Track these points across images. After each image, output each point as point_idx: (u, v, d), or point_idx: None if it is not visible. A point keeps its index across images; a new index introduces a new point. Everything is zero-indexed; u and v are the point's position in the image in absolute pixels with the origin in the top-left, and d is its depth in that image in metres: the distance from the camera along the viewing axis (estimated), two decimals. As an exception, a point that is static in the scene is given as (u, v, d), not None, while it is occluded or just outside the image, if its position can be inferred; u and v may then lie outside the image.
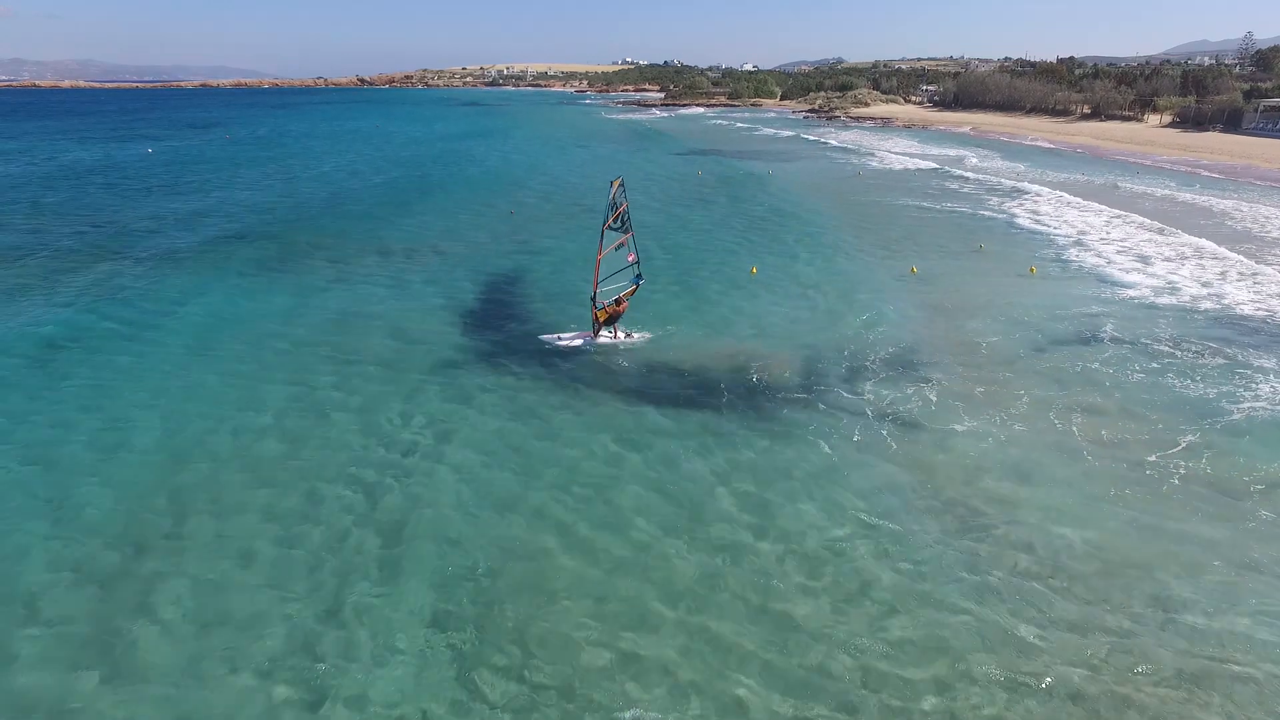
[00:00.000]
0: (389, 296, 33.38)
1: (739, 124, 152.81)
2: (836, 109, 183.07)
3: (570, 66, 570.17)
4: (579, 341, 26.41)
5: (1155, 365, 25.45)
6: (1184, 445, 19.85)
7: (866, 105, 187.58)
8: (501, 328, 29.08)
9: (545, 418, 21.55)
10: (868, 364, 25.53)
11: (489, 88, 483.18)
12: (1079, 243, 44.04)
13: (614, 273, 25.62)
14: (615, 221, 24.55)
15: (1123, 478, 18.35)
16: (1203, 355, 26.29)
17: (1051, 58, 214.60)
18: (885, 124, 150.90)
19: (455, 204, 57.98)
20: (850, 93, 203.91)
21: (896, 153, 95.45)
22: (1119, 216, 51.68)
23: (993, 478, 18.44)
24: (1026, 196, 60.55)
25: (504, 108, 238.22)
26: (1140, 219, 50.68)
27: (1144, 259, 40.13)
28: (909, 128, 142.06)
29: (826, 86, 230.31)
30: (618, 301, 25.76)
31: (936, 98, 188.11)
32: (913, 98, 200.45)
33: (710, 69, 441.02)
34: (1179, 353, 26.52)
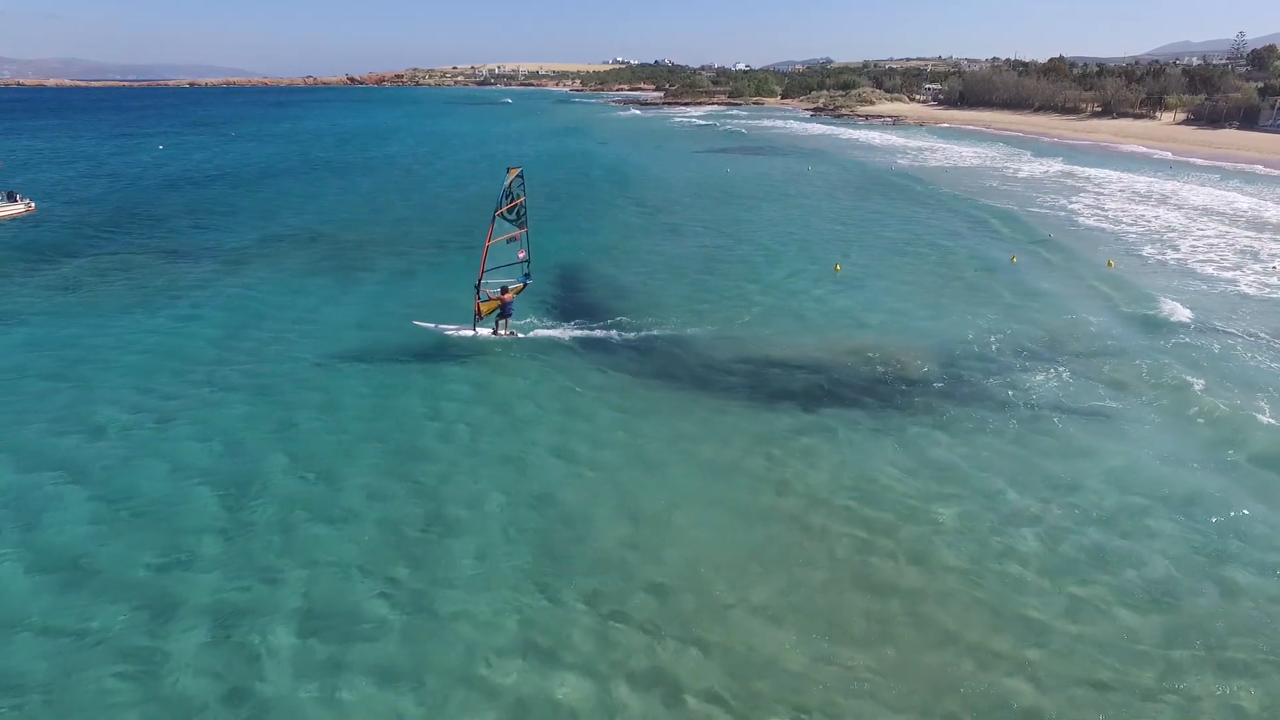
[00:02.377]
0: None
1: (765, 122, 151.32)
2: (842, 107, 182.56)
3: (562, 66, 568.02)
4: (465, 333, 24.95)
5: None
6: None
7: (872, 104, 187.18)
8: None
9: (706, 419, 20.39)
10: (994, 354, 24.89)
11: (480, 87, 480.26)
12: (1155, 239, 43.31)
13: (501, 266, 24.43)
14: (509, 212, 23.79)
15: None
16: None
17: (1038, 58, 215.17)
18: (896, 122, 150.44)
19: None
20: (854, 91, 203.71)
21: (929, 149, 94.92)
22: (1193, 211, 51.29)
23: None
24: (1083, 192, 59.91)
25: (518, 106, 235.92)
26: (1205, 211, 50.28)
27: (1239, 253, 39.57)
28: (922, 125, 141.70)
29: (828, 85, 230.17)
30: (504, 290, 24.28)
31: (941, 96, 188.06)
32: (916, 96, 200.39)
33: (704, 68, 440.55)
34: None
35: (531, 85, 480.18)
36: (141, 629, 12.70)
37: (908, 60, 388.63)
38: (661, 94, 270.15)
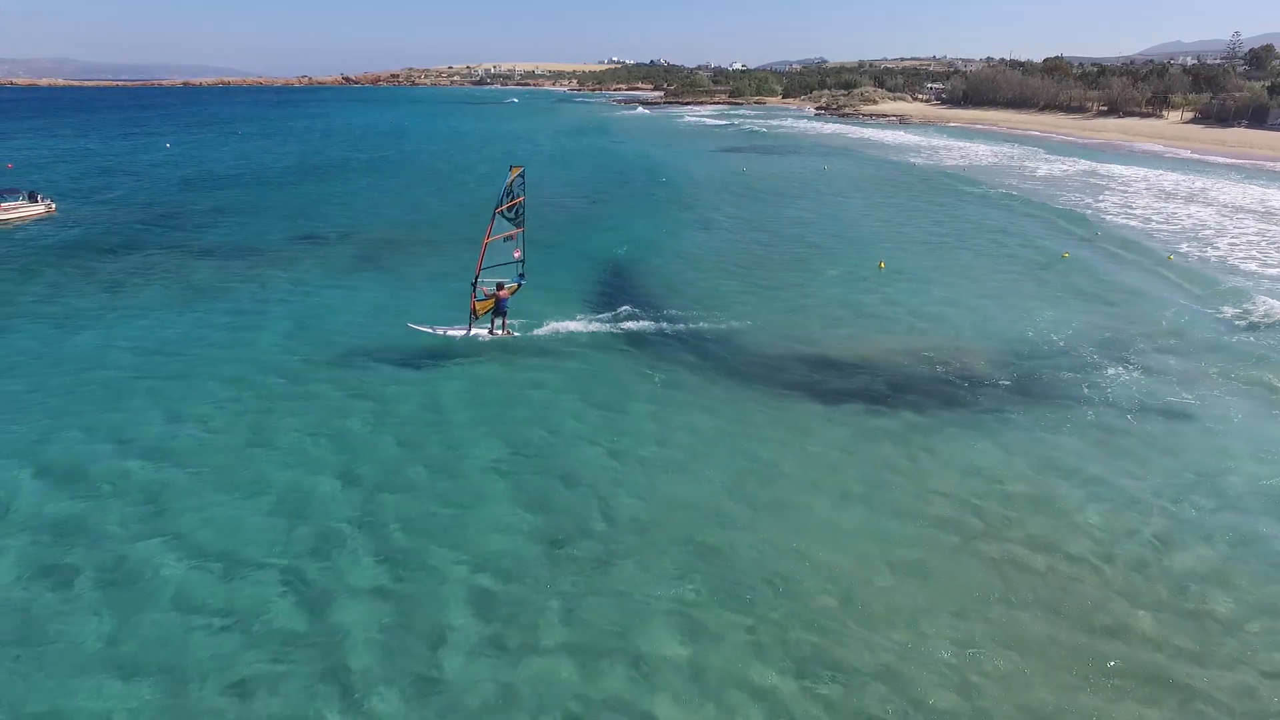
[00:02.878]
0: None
1: (772, 121, 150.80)
2: (846, 106, 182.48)
3: (557, 66, 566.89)
4: (458, 332, 24.46)
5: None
6: None
7: (875, 103, 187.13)
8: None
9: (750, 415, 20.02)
10: (1057, 351, 24.60)
11: (477, 86, 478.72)
12: (1192, 236, 43.05)
13: (498, 265, 24.15)
14: (509, 211, 23.66)
15: None
16: None
17: (1032, 58, 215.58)
18: (903, 121, 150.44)
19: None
20: (856, 91, 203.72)
21: (943, 148, 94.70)
22: (1225, 209, 51.12)
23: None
24: (1109, 190, 59.71)
25: (524, 105, 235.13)
26: (1237, 206, 50.10)
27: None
28: (929, 124, 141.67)
29: (829, 85, 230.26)
30: (499, 286, 23.92)
31: (944, 95, 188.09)
32: (919, 96, 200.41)
33: (700, 68, 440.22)
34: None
35: (528, 85, 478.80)
36: (304, 613, 12.64)
37: (902, 60, 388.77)
38: (661, 94, 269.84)
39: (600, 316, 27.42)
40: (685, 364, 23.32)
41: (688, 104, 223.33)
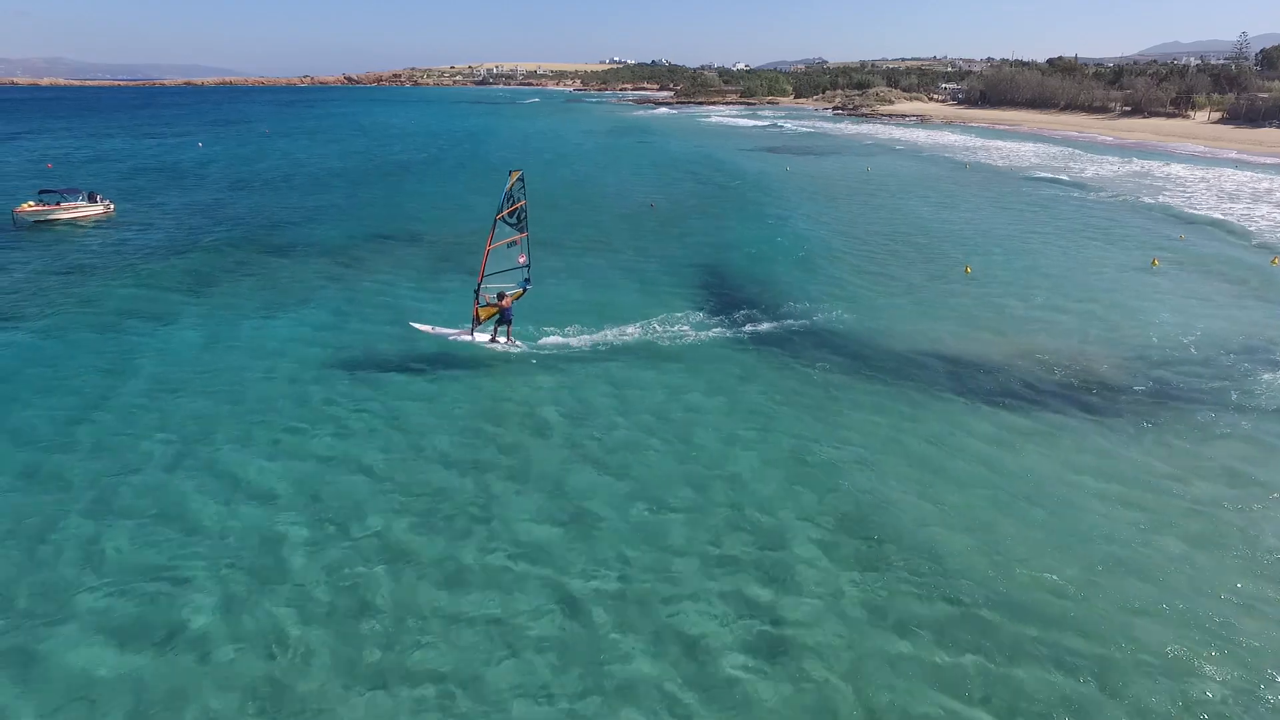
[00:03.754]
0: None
1: (795, 121, 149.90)
2: (863, 106, 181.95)
3: (559, 65, 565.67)
4: (464, 338, 23.94)
5: None
6: None
7: (891, 103, 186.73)
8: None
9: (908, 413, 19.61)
10: (1188, 354, 24.19)
11: (479, 86, 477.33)
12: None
13: (502, 270, 23.62)
14: (510, 216, 23.25)
15: None
16: None
17: (1032, 58, 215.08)
18: (924, 120, 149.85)
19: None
20: (871, 91, 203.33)
21: (981, 148, 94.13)
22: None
23: None
24: (1167, 192, 59.11)
25: (544, 105, 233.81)
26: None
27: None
28: (950, 124, 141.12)
29: (841, 85, 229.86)
30: (500, 296, 23.41)
31: (961, 95, 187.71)
32: (934, 96, 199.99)
33: (704, 67, 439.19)
34: None
35: (531, 84, 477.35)
36: (496, 605, 12.66)
37: (903, 60, 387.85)
38: (671, 93, 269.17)
39: (726, 319, 26.96)
40: (832, 363, 23.25)
41: (701, 104, 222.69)
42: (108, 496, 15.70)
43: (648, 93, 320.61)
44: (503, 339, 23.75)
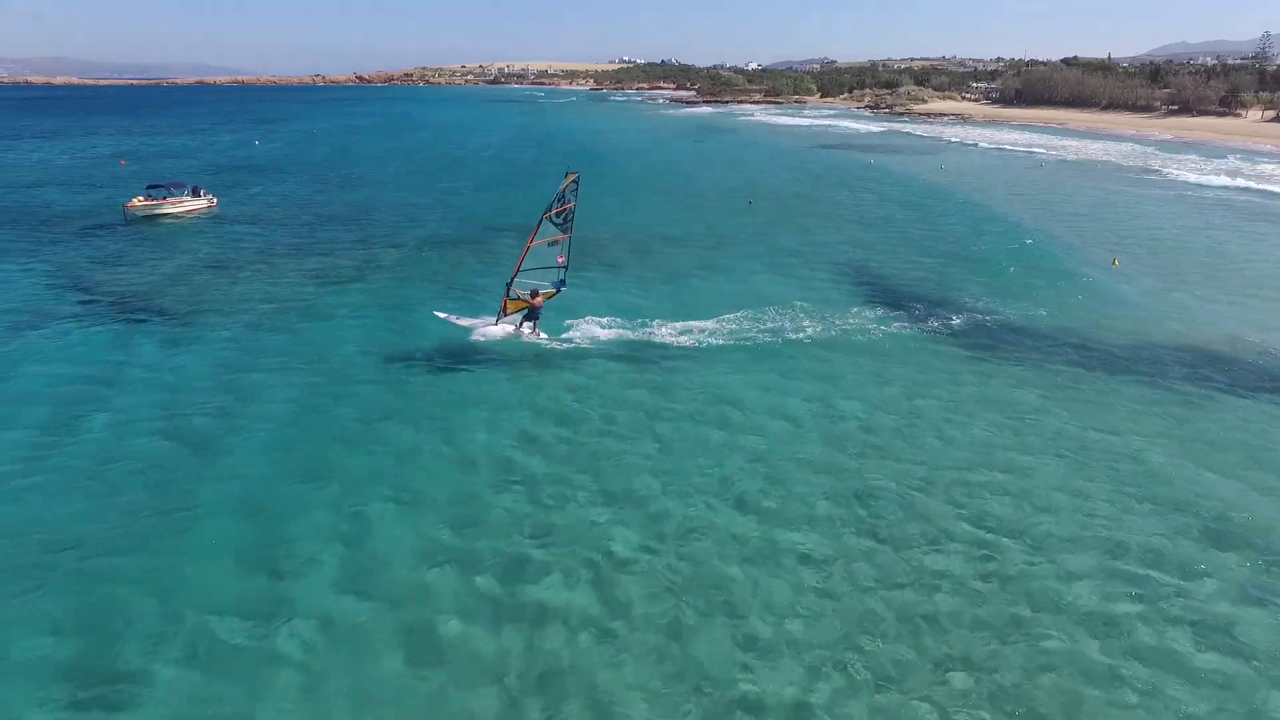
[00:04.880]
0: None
1: (837, 120, 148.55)
2: (897, 105, 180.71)
3: (569, 65, 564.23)
4: (490, 329, 23.51)
5: None
6: None
7: (925, 102, 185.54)
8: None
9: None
10: None
11: (491, 85, 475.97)
12: None
13: (538, 268, 23.29)
14: (557, 216, 23.05)
15: None
16: None
17: (1034, 58, 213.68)
18: (965, 119, 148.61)
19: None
20: (901, 90, 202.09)
21: (1045, 145, 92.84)
22: None
23: None
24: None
25: (581, 107, 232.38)
26: None
27: None
28: (993, 122, 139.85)
29: (867, 84, 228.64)
30: (533, 294, 23.04)
31: (995, 94, 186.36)
32: (966, 95, 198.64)
33: (717, 66, 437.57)
34: None
35: (543, 84, 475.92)
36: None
37: (912, 60, 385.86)
38: (693, 92, 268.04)
39: (905, 313, 26.33)
40: (1062, 357, 22.80)
41: (728, 102, 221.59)
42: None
43: (667, 91, 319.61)
44: (528, 330, 23.44)
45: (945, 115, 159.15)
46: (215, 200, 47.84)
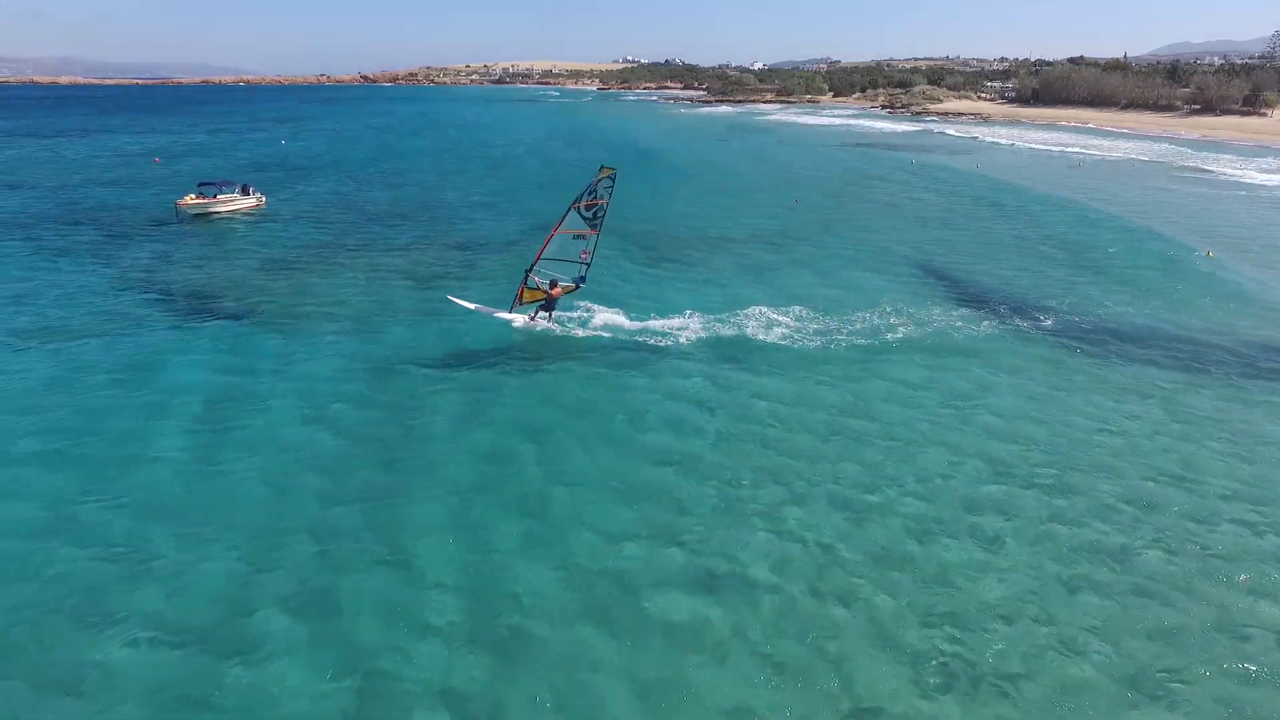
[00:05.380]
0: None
1: (855, 120, 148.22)
2: (914, 104, 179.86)
3: (573, 65, 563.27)
4: (501, 316, 23.52)
5: None
6: None
7: (940, 101, 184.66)
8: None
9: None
10: None
11: (496, 85, 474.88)
12: None
13: (559, 259, 23.16)
14: (587, 210, 22.79)
15: None
16: None
17: (1037, 57, 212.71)
18: (986, 119, 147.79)
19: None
20: (915, 89, 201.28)
21: (1083, 145, 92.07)
22: None
23: None
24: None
25: (596, 103, 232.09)
26: None
27: None
28: (1018, 122, 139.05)
29: (880, 84, 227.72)
30: (552, 284, 23.01)
31: (1012, 93, 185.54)
32: (981, 95, 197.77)
33: (722, 66, 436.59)
34: None
35: (548, 84, 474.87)
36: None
37: (915, 60, 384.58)
38: (703, 92, 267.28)
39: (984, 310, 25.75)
40: (1127, 355, 22.22)
41: (741, 102, 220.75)
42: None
43: (675, 91, 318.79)
44: (544, 320, 23.47)
45: (964, 115, 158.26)
46: (264, 198, 47.23)
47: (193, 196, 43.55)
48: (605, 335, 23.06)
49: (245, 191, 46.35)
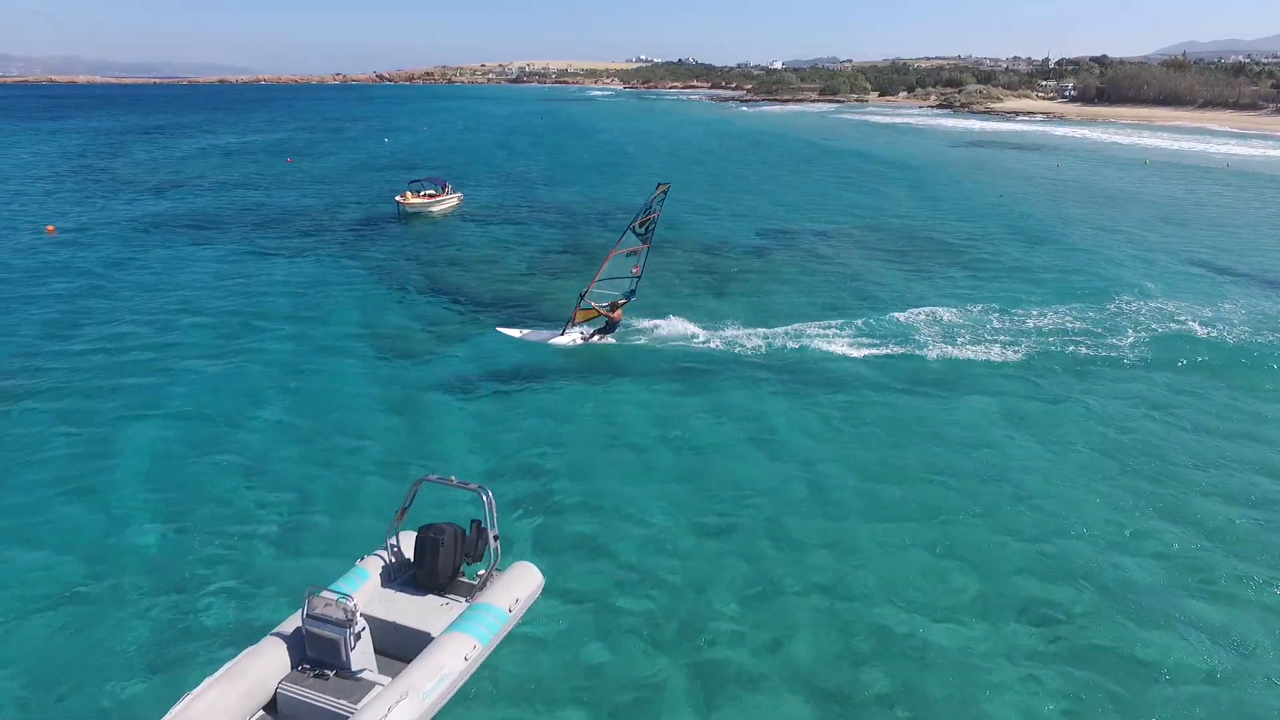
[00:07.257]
0: None
1: (925, 120, 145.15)
2: (975, 104, 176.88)
3: (588, 64, 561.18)
4: (559, 340, 22.53)
5: None
6: None
7: (1000, 100, 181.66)
8: None
9: None
10: None
11: (513, 84, 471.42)
12: None
13: (612, 277, 22.65)
14: (640, 227, 22.37)
15: None
16: None
17: (1041, 56, 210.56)
18: (1060, 117, 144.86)
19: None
20: (968, 88, 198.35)
21: (1204, 149, 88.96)
22: None
23: None
24: None
25: (643, 107, 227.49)
26: None
27: None
28: (1095, 121, 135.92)
29: (926, 83, 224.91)
30: (613, 306, 22.41)
31: (1072, 93, 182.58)
32: (1039, 94, 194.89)
33: (740, 66, 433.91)
34: None
35: (565, 83, 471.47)
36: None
37: (927, 59, 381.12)
38: (743, 91, 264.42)
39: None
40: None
41: (786, 101, 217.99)
42: None
43: (708, 90, 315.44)
44: (596, 337, 22.64)
45: (1034, 114, 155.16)
46: (461, 196, 44.40)
47: (410, 195, 40.77)
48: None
49: (444, 188, 43.44)
